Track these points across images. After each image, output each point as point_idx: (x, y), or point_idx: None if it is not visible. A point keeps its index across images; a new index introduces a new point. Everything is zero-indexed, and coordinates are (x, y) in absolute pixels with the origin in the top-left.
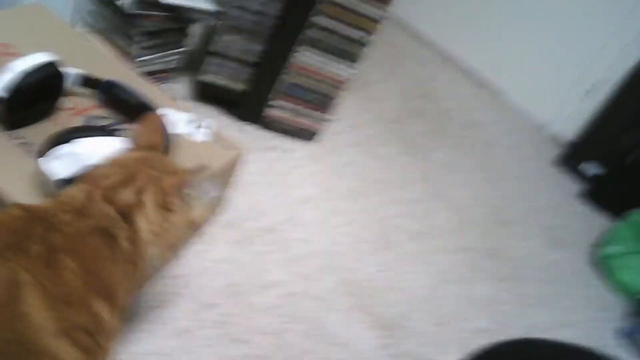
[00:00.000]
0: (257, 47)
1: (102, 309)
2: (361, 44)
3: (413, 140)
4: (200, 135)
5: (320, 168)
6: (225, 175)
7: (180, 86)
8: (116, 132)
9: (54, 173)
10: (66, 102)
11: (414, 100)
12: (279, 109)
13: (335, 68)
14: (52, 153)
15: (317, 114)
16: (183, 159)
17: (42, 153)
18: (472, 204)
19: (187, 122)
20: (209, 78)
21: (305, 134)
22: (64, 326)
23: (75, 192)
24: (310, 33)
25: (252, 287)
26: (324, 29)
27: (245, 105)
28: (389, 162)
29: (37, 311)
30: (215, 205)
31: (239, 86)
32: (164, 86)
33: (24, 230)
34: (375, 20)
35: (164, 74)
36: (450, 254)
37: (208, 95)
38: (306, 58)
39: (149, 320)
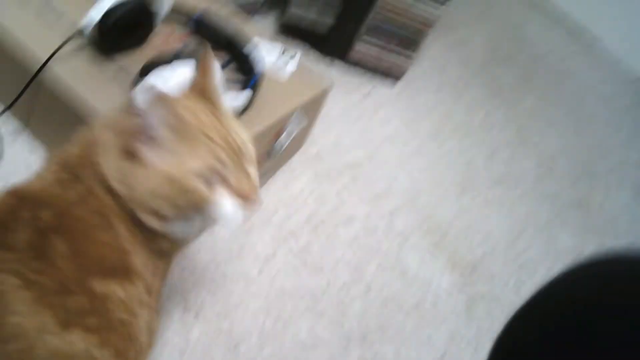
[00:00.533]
0: None
1: (106, 285)
2: None
3: (500, 85)
4: (288, 69)
5: (404, 108)
6: (311, 109)
7: (268, 21)
8: None
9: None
10: (158, 33)
11: (502, 46)
12: (365, 47)
13: (424, 7)
14: (145, 80)
15: (404, 53)
16: (271, 92)
17: (135, 81)
18: (560, 153)
19: (275, 55)
20: (296, 13)
21: (391, 74)
22: (66, 318)
23: (75, 146)
24: None
25: (335, 220)
26: None
27: (332, 42)
28: (474, 106)
29: (30, 316)
30: (303, 136)
31: (326, 22)
32: (252, 20)
33: (9, 219)
34: None
35: (253, 9)
36: (535, 202)
37: (295, 30)
38: None
39: (237, 244)
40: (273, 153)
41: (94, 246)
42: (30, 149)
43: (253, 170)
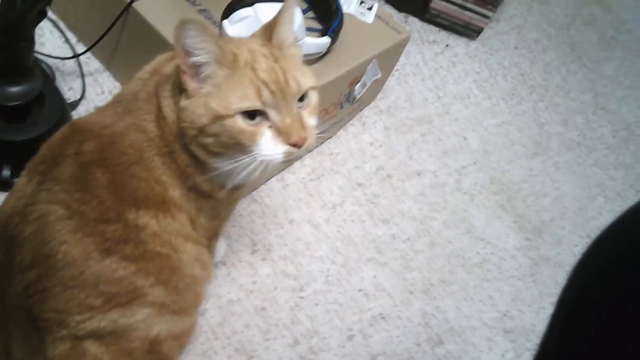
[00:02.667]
0: None
1: (141, 217)
2: None
3: (582, 48)
4: (369, 17)
5: (481, 67)
6: (389, 58)
7: None
8: None
9: (235, 35)
10: None
11: (587, 7)
12: (444, 2)
13: None
14: (234, 16)
15: (483, 10)
16: (349, 40)
17: (225, 16)
18: (638, 123)
19: (354, 4)
20: None
21: (469, 31)
22: (106, 246)
23: (135, 81)
24: None
25: (403, 173)
26: None
27: None
28: (553, 68)
29: (75, 244)
30: (377, 88)
31: None
32: None
33: (58, 153)
34: None
35: None
36: (609, 170)
37: None
38: None
39: (306, 190)
40: (347, 101)
41: (131, 178)
42: (111, 89)
43: (306, 114)
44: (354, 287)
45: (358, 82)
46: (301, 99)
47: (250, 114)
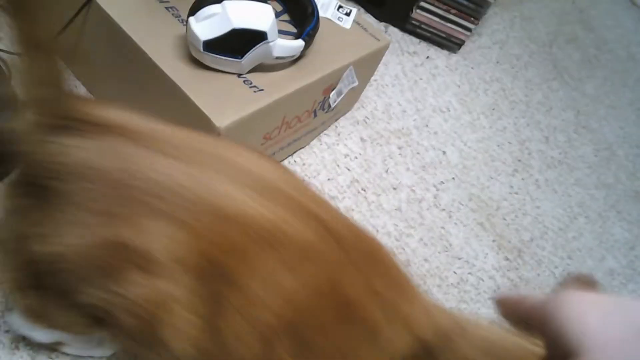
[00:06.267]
0: None
1: None
2: None
3: (564, 66)
4: (347, 22)
5: (462, 80)
6: (367, 66)
7: None
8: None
9: (202, 33)
10: None
11: (570, 25)
12: (426, 13)
13: None
14: (201, 13)
15: (466, 23)
16: (325, 46)
17: (192, 12)
18: (622, 141)
19: (331, 10)
20: None
21: (450, 44)
22: None
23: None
24: None
25: (379, 187)
26: None
27: (389, 6)
28: (535, 85)
29: None
30: (353, 97)
31: None
32: None
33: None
34: None
35: None
36: (591, 189)
37: None
38: None
39: None
40: (321, 110)
41: None
42: (70, 88)
43: None
44: None
45: (333, 89)
46: None
47: None
